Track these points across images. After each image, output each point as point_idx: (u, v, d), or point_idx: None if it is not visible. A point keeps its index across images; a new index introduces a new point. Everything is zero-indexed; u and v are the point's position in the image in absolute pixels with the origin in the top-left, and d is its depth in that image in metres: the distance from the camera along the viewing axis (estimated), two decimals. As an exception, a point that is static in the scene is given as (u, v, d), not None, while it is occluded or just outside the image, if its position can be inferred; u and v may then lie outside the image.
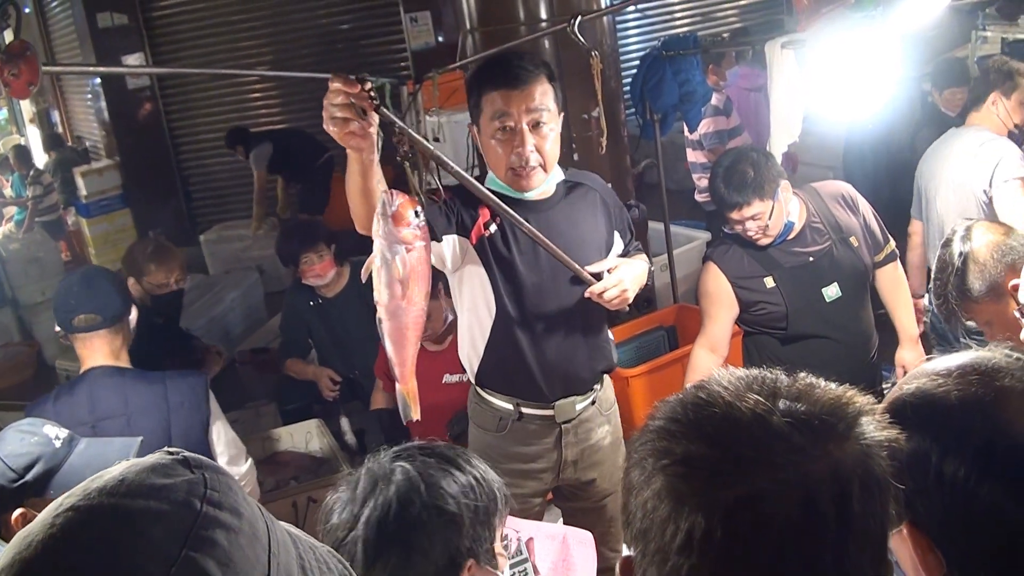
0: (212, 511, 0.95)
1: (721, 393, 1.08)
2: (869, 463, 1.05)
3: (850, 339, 3.81)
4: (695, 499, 1.02)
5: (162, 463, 0.99)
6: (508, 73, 2.99)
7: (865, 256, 3.85)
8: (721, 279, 3.80)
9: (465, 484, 1.93)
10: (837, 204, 3.90)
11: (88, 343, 3.27)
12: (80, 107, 13.23)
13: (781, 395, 1.07)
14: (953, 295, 2.94)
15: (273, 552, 0.99)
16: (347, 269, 5.22)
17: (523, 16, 5.29)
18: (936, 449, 1.24)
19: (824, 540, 1.00)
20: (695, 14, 11.59)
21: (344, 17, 11.09)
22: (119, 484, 0.95)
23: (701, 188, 7.53)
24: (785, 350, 3.81)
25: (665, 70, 5.64)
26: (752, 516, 1.00)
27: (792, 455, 1.01)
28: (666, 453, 1.06)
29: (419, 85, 4.91)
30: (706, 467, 1.03)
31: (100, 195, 10.92)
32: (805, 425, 1.04)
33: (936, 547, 1.26)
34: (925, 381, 1.33)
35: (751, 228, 3.68)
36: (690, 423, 1.07)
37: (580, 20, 3.38)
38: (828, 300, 3.75)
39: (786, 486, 1.00)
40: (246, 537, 0.96)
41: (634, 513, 1.08)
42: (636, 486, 1.08)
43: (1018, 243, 2.86)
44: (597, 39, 5.12)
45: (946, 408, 1.28)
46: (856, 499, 1.02)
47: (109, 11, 10.85)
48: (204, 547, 0.92)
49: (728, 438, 1.04)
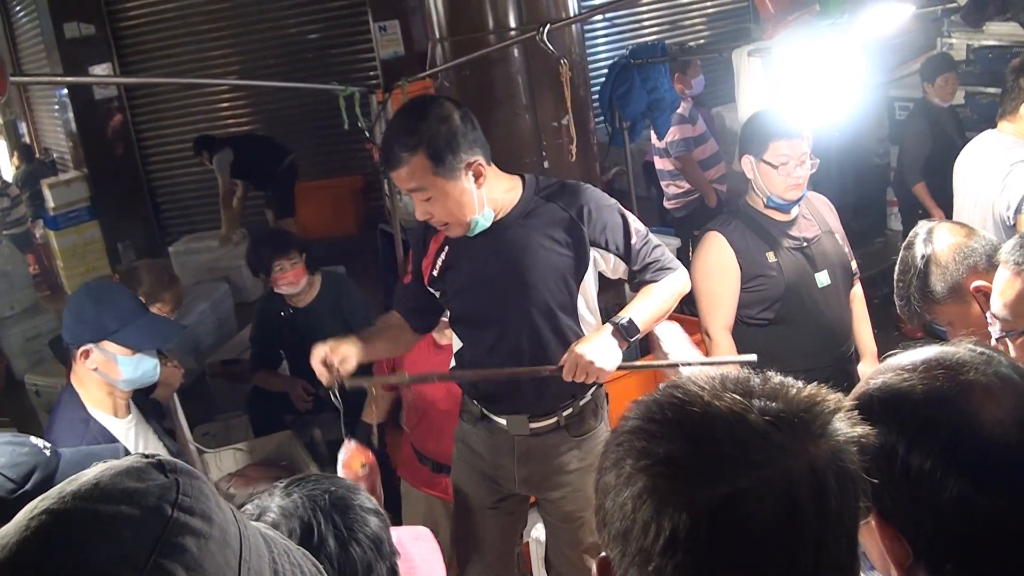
0: (183, 517, 0.95)
1: (699, 393, 1.09)
2: (843, 458, 1.07)
3: (834, 328, 3.86)
4: (679, 499, 1.03)
5: (137, 467, 0.99)
6: (384, 157, 3.05)
7: (849, 253, 3.95)
8: (727, 248, 3.79)
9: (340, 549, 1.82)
10: (822, 206, 4.01)
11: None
12: (47, 118, 13.13)
13: (756, 394, 1.09)
14: (916, 297, 2.96)
15: (244, 557, 1.00)
16: (318, 279, 5.21)
17: (492, 25, 5.29)
18: (903, 442, 1.26)
19: (804, 534, 1.03)
20: (663, 23, 11.63)
21: (312, 26, 11.08)
22: (93, 488, 0.96)
23: (669, 195, 7.57)
24: (768, 338, 3.80)
25: (634, 78, 5.68)
26: (736, 514, 1.01)
27: (772, 452, 1.03)
28: (646, 454, 1.06)
29: (388, 94, 4.93)
30: (689, 467, 1.04)
31: (68, 207, 10.83)
32: (783, 423, 1.05)
33: (903, 537, 1.29)
34: (891, 376, 1.36)
35: (801, 168, 3.70)
36: (669, 423, 1.08)
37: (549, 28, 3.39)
38: (820, 286, 3.80)
39: (768, 483, 1.02)
40: (216, 543, 0.97)
41: (611, 514, 1.09)
42: (613, 488, 1.09)
43: (979, 245, 2.88)
44: (566, 47, 5.14)
45: (912, 402, 1.30)
46: (832, 494, 1.05)
47: (76, 21, 10.78)
48: (174, 553, 0.92)
49: (709, 437, 1.05)
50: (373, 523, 1.84)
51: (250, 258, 5.39)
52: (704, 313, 3.87)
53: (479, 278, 3.18)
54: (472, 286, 3.20)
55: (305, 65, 10.87)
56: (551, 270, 3.15)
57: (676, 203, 7.53)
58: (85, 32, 10.83)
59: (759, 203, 3.84)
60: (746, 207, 3.88)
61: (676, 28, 11.61)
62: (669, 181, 7.50)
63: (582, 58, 5.85)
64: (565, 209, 3.16)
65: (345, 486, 1.89)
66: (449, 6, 5.38)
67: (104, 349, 3.15)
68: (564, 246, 3.15)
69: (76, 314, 3.20)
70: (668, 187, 7.54)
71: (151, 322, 3.30)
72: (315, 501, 1.81)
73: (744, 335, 3.84)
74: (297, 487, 1.85)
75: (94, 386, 3.23)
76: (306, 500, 1.81)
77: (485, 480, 3.49)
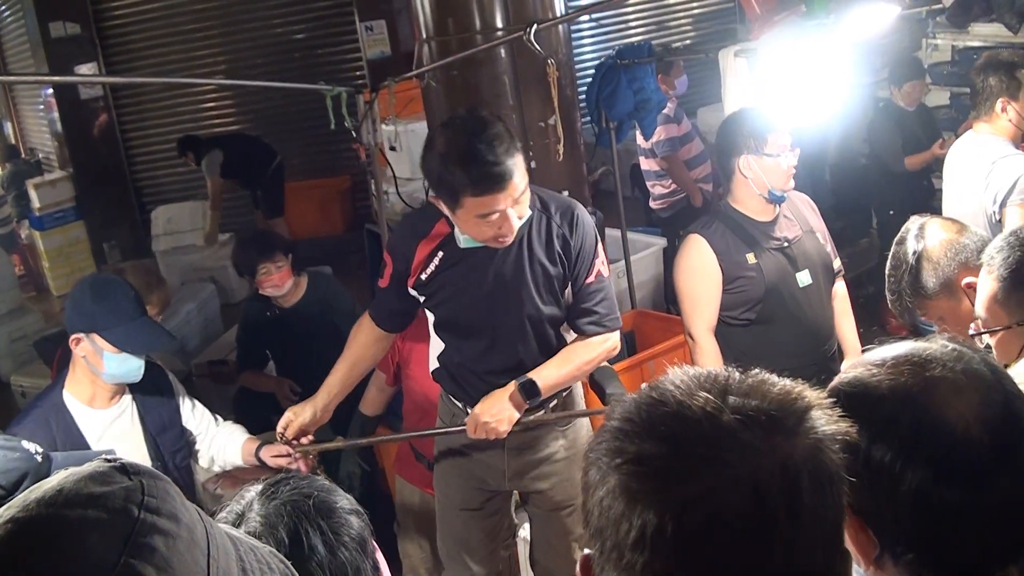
0: (150, 517, 0.96)
1: (673, 392, 1.10)
2: (820, 456, 1.06)
3: (816, 328, 3.89)
4: (647, 497, 1.03)
5: (100, 471, 1.00)
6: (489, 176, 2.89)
7: (831, 252, 3.99)
8: (707, 251, 3.81)
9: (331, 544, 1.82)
10: (804, 205, 4.04)
11: None
12: (33, 118, 13.08)
13: (731, 392, 1.08)
14: (907, 292, 2.99)
15: (212, 556, 1.00)
16: (304, 279, 5.21)
17: (479, 25, 5.29)
18: (865, 435, 1.28)
19: (774, 534, 1.02)
20: (650, 24, 11.66)
21: (299, 26, 11.07)
22: (56, 494, 0.96)
23: (655, 195, 7.58)
24: (750, 338, 3.83)
25: (620, 78, 5.67)
26: (703, 513, 1.01)
27: (741, 451, 1.03)
28: (619, 452, 1.07)
29: (375, 94, 4.92)
30: (657, 466, 1.05)
31: (54, 207, 10.79)
32: (753, 421, 1.05)
33: (868, 529, 1.32)
34: (861, 370, 1.39)
35: (792, 158, 3.73)
36: (643, 422, 1.09)
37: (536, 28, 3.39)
38: (801, 286, 3.83)
39: (735, 483, 1.02)
40: (184, 542, 0.97)
41: (591, 511, 1.10)
42: (592, 484, 1.10)
43: (971, 241, 2.92)
44: (553, 47, 5.14)
45: (876, 396, 1.34)
46: (806, 492, 1.04)
47: (62, 21, 10.74)
48: (143, 553, 0.93)
49: (679, 437, 1.06)
50: (355, 524, 1.84)
51: (236, 259, 5.38)
52: (687, 315, 3.91)
53: (475, 287, 3.21)
54: (467, 294, 3.23)
55: (291, 65, 10.87)
56: (545, 283, 3.21)
57: (662, 203, 7.54)
58: (71, 31, 10.79)
59: (742, 204, 3.86)
60: (727, 208, 3.90)
61: (662, 29, 11.64)
62: (655, 181, 7.51)
63: (569, 58, 5.85)
64: (560, 224, 3.20)
65: (324, 488, 1.88)
66: (436, 6, 5.38)
67: (93, 341, 3.23)
68: (557, 261, 3.20)
69: (76, 303, 3.30)
70: (654, 187, 7.55)
71: (144, 327, 3.35)
72: (298, 507, 1.79)
73: (727, 335, 3.88)
74: (276, 493, 1.83)
75: (80, 372, 3.33)
76: (290, 507, 1.79)
77: (472, 480, 3.51)
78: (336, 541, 1.79)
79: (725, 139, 3.85)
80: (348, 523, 1.83)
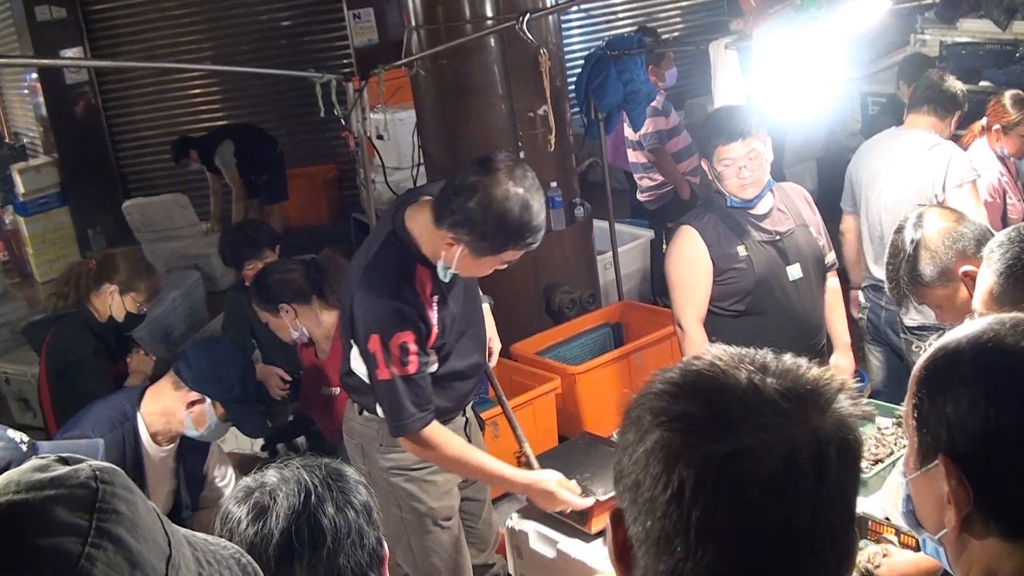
0: (109, 488, 0.99)
1: (716, 363, 1.18)
2: (845, 434, 1.14)
3: (805, 321, 3.92)
4: (688, 452, 1.11)
5: (41, 463, 1.02)
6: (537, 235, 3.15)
7: (824, 246, 4.01)
8: (699, 242, 3.84)
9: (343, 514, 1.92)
10: (799, 198, 4.06)
11: None
12: (17, 102, 12.99)
13: (770, 369, 1.17)
14: (905, 280, 3.03)
15: (164, 521, 1.05)
16: (292, 269, 5.18)
17: (468, 14, 5.28)
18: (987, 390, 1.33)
19: (802, 496, 1.11)
20: (638, 14, 11.63)
21: (286, 13, 11.00)
22: (7, 485, 0.97)
23: (643, 187, 7.57)
24: (739, 329, 3.84)
25: (610, 69, 5.67)
26: (738, 469, 1.10)
27: (778, 418, 1.11)
28: (663, 412, 1.15)
29: (364, 82, 4.91)
30: (700, 424, 1.12)
31: (38, 193, 10.72)
32: (792, 394, 1.14)
33: (967, 482, 1.34)
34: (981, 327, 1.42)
35: (748, 168, 3.73)
36: (687, 385, 1.17)
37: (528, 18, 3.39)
38: (791, 279, 3.86)
39: (771, 445, 1.10)
40: (143, 506, 1.02)
41: (627, 469, 1.16)
42: (631, 443, 1.17)
43: (969, 230, 2.95)
44: (543, 37, 5.14)
45: (999, 351, 1.38)
46: (832, 463, 1.12)
47: (48, 4, 10.66)
48: (111, 517, 0.96)
49: (722, 400, 1.14)
50: (363, 492, 1.95)
51: (223, 250, 5.36)
52: (677, 305, 3.93)
53: (459, 318, 3.39)
54: (454, 327, 3.37)
55: (278, 52, 10.80)
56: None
57: (649, 195, 7.54)
58: (57, 15, 10.71)
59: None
60: (720, 200, 3.91)
61: (651, 20, 11.60)
62: (642, 174, 7.50)
63: (559, 48, 5.85)
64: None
65: (336, 460, 2.01)
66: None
67: (214, 407, 3.47)
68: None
69: (218, 369, 3.50)
70: (641, 180, 7.54)
71: (254, 411, 3.69)
72: (311, 470, 1.92)
73: (716, 326, 3.90)
74: (292, 461, 1.96)
75: (163, 409, 3.48)
76: (303, 469, 1.92)
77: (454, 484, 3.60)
78: (344, 500, 1.89)
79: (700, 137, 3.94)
80: (356, 489, 1.94)
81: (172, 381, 3.47)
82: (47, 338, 4.42)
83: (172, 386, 3.46)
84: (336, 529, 1.85)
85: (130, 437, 3.40)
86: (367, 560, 1.89)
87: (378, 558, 1.92)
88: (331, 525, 1.84)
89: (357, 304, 3.20)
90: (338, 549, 1.85)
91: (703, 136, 3.84)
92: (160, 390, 3.49)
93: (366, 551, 1.88)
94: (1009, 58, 7.08)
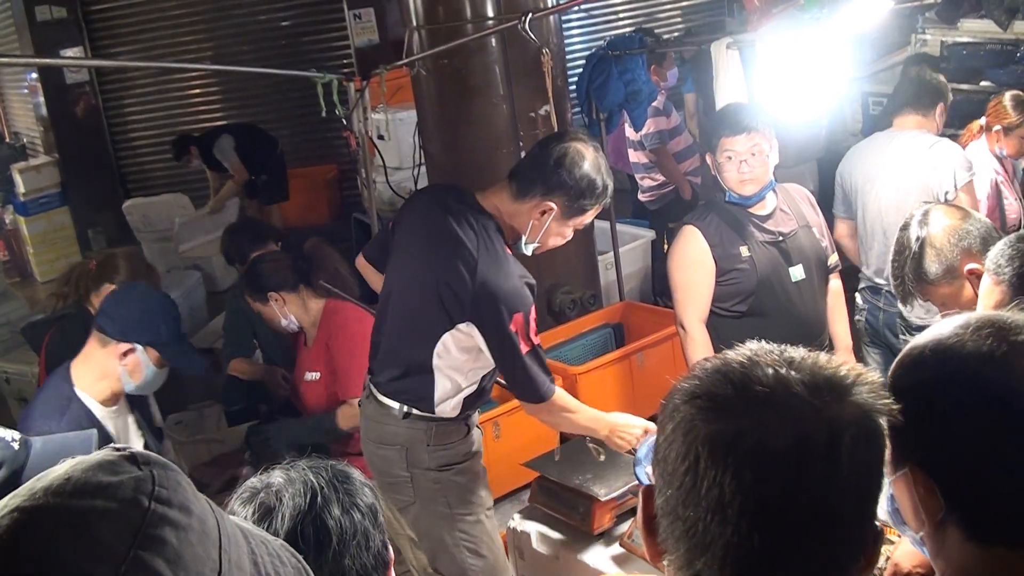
0: (161, 508, 0.92)
1: (745, 352, 1.25)
2: (865, 421, 1.19)
3: (808, 322, 3.90)
4: (705, 427, 1.18)
5: (109, 460, 0.96)
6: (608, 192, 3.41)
7: (827, 247, 4.01)
8: (702, 242, 3.84)
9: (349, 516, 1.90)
10: (802, 200, 4.05)
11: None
12: (17, 102, 12.98)
13: (794, 361, 1.22)
14: (909, 277, 3.02)
15: (224, 548, 0.97)
16: (294, 268, 5.18)
17: (469, 14, 5.28)
18: (949, 396, 1.36)
19: (808, 479, 1.15)
20: (639, 14, 11.62)
21: (286, 13, 11.00)
22: (64, 483, 0.92)
23: (644, 187, 7.57)
24: (741, 330, 3.82)
25: (611, 69, 5.68)
26: (748, 443, 1.16)
27: (795, 401, 1.17)
28: (690, 392, 1.23)
29: (366, 82, 4.90)
30: (721, 402, 1.20)
31: (38, 192, 10.72)
32: (812, 382, 1.19)
33: (938, 489, 1.35)
34: (945, 331, 1.42)
35: (749, 164, 3.73)
36: (715, 370, 1.24)
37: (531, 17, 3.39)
38: (794, 280, 3.86)
39: (784, 424, 1.16)
40: (196, 534, 0.94)
41: (659, 446, 1.25)
42: (662, 423, 1.25)
43: (974, 228, 2.93)
44: (545, 37, 5.13)
45: (961, 357, 1.38)
46: (846, 453, 1.16)
47: (48, 4, 10.67)
48: (154, 545, 0.90)
49: (745, 383, 1.20)
50: (369, 494, 1.93)
51: (226, 247, 5.36)
52: (679, 305, 3.93)
53: None
54: None
55: (279, 52, 10.80)
56: None
57: (651, 196, 7.53)
58: (57, 15, 10.71)
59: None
60: (723, 200, 3.91)
61: (651, 20, 11.59)
62: (644, 174, 7.50)
63: (560, 48, 5.84)
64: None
65: (341, 463, 1.99)
66: (427, -6, 5.37)
67: (146, 354, 3.32)
68: None
69: (141, 312, 3.36)
70: (643, 180, 7.54)
71: (188, 348, 3.57)
72: (317, 471, 1.91)
73: (718, 326, 3.90)
74: (297, 462, 1.95)
75: (98, 372, 3.34)
76: (308, 470, 1.91)
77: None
78: (349, 501, 1.88)
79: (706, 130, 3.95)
80: (362, 491, 1.92)
81: (98, 340, 3.32)
82: (47, 338, 4.42)
83: (99, 345, 3.32)
84: (342, 531, 1.84)
85: (82, 415, 3.27)
86: (372, 562, 1.87)
87: (383, 561, 1.91)
88: (336, 527, 1.83)
89: (492, 285, 3.20)
90: (343, 551, 1.84)
91: (709, 128, 3.86)
92: (88, 355, 3.35)
93: (371, 553, 1.87)
94: (1010, 58, 7.07)
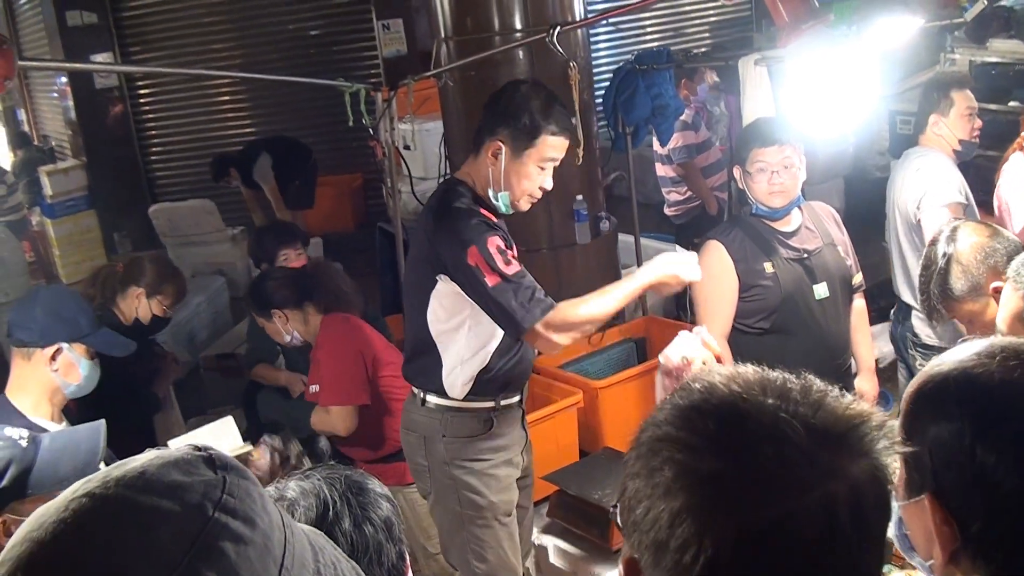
0: (224, 518, 0.92)
1: (739, 402, 1.07)
2: (879, 476, 1.06)
3: (831, 341, 3.87)
4: (724, 520, 1.01)
5: (187, 459, 0.96)
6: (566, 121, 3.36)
7: (852, 266, 3.97)
8: (726, 258, 3.81)
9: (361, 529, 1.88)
10: (827, 218, 4.02)
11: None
12: (47, 106, 13.10)
13: (799, 403, 1.07)
14: (936, 293, 3.00)
15: (286, 566, 0.96)
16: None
17: (498, 26, 5.29)
18: (971, 428, 1.28)
19: (843, 555, 1.03)
20: (666, 30, 11.64)
21: (315, 22, 11.08)
22: (138, 476, 0.93)
23: (670, 202, 7.57)
24: (763, 347, 3.79)
25: (638, 83, 5.67)
26: (780, 537, 1.01)
27: (817, 474, 1.02)
28: (688, 469, 1.04)
29: (393, 92, 4.92)
30: (734, 487, 1.02)
31: (65, 195, 10.78)
32: (828, 441, 1.04)
33: (953, 521, 1.30)
34: (968, 360, 1.36)
35: (780, 176, 3.71)
36: (712, 436, 1.06)
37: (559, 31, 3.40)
38: (817, 298, 3.81)
39: (812, 506, 1.01)
40: (257, 548, 0.93)
41: (644, 523, 1.06)
42: (647, 497, 1.06)
43: (1001, 245, 2.92)
44: (572, 50, 5.13)
45: (987, 389, 1.31)
46: (869, 510, 1.05)
47: (79, 9, 10.77)
48: (210, 556, 0.89)
49: (753, 454, 1.03)
50: (385, 507, 1.90)
51: (254, 249, 5.42)
52: (701, 320, 3.88)
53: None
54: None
55: (307, 61, 10.86)
56: None
57: (677, 210, 7.53)
58: (87, 20, 10.82)
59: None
60: (748, 216, 3.89)
61: (679, 35, 11.62)
62: (670, 188, 7.50)
63: (587, 62, 5.85)
64: None
65: (358, 472, 1.96)
66: (455, 6, 5.38)
67: (74, 350, 3.21)
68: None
69: (55, 311, 3.24)
70: (669, 194, 7.54)
71: (111, 333, 3.43)
72: (332, 482, 1.87)
73: (740, 343, 3.85)
74: (314, 471, 1.92)
75: (36, 391, 3.20)
76: (323, 481, 1.87)
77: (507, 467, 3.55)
78: (362, 515, 1.84)
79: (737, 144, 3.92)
80: (377, 503, 1.89)
81: (21, 356, 3.19)
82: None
83: (25, 360, 3.18)
84: (352, 545, 1.81)
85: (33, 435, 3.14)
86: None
87: (399, 574, 1.90)
88: (347, 541, 1.80)
89: (438, 237, 3.23)
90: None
91: (740, 142, 3.84)
92: (18, 378, 3.20)
93: (384, 568, 1.85)
94: (1039, 78, 7.05)
